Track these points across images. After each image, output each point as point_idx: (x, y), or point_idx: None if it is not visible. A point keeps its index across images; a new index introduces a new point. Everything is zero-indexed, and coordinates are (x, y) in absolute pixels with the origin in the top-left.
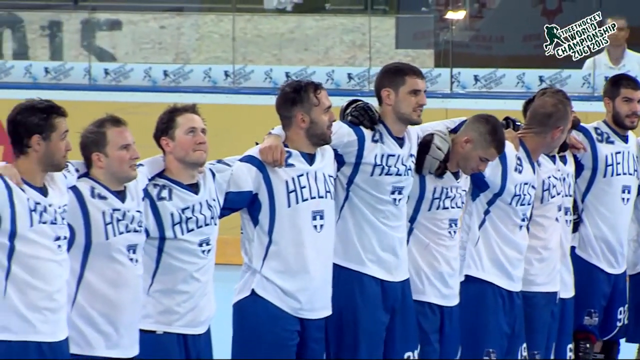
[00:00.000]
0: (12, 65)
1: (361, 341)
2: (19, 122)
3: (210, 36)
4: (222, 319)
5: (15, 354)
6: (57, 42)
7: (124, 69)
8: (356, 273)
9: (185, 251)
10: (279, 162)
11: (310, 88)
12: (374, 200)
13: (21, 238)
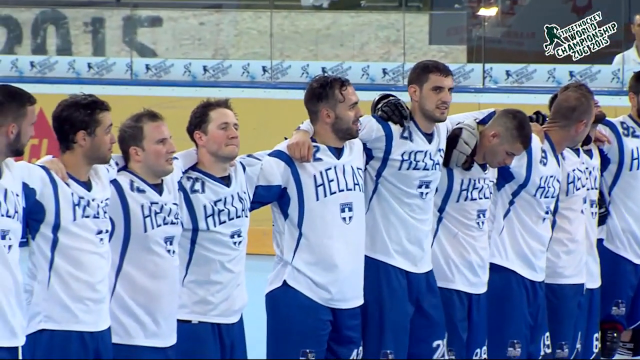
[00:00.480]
0: (56, 61)
1: (387, 331)
2: (64, 119)
3: (249, 32)
4: (260, 308)
5: (59, 343)
6: (99, 38)
7: (165, 65)
8: (383, 264)
9: (217, 242)
10: (306, 158)
11: (336, 84)
12: (401, 194)
13: (64, 231)
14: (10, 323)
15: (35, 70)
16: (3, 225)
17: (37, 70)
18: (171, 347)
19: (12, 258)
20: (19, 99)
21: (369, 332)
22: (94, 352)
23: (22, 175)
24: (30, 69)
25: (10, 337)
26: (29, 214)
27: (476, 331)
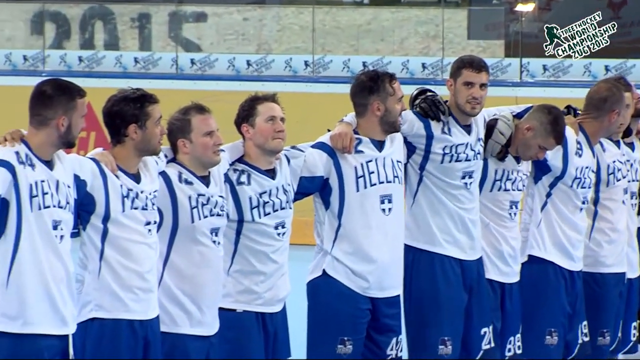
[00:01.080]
0: (104, 56)
1: (444, 319)
2: (115, 113)
3: (291, 27)
4: (302, 297)
5: (109, 331)
6: (146, 34)
7: (209, 59)
8: (437, 255)
9: (262, 233)
10: (347, 149)
11: (386, 78)
12: (446, 186)
13: (114, 222)
14: (61, 312)
15: (84, 65)
16: (55, 216)
17: (85, 64)
18: (214, 335)
19: (64, 248)
20: (69, 92)
21: (427, 321)
22: (143, 340)
23: (74, 167)
24: (79, 64)
25: (61, 326)
26: (79, 205)
27: (509, 320)
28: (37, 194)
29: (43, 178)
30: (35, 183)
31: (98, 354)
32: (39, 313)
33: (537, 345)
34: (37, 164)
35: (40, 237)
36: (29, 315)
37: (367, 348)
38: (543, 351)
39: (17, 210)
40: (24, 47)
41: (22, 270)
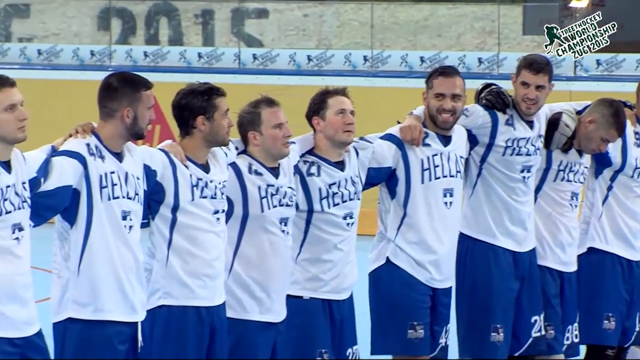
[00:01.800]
0: (168, 51)
1: (495, 307)
2: (183, 106)
3: (350, 23)
4: (360, 285)
5: (176, 317)
6: (209, 29)
7: (271, 54)
8: (490, 245)
9: (331, 224)
10: (416, 142)
11: (434, 74)
12: (505, 178)
13: (183, 211)
14: (130, 299)
15: (149, 60)
16: (124, 207)
17: (150, 59)
18: (282, 322)
19: (133, 238)
20: (133, 84)
21: (479, 309)
22: (210, 326)
23: (144, 157)
24: (144, 59)
25: (130, 313)
26: (149, 195)
27: (568, 309)
28: (107, 184)
29: (113, 169)
30: (105, 174)
31: (166, 341)
32: (109, 300)
33: (594, 329)
34: (107, 156)
35: (110, 227)
36: (100, 302)
37: None
38: (600, 335)
39: (87, 200)
40: (91, 43)
41: (92, 259)
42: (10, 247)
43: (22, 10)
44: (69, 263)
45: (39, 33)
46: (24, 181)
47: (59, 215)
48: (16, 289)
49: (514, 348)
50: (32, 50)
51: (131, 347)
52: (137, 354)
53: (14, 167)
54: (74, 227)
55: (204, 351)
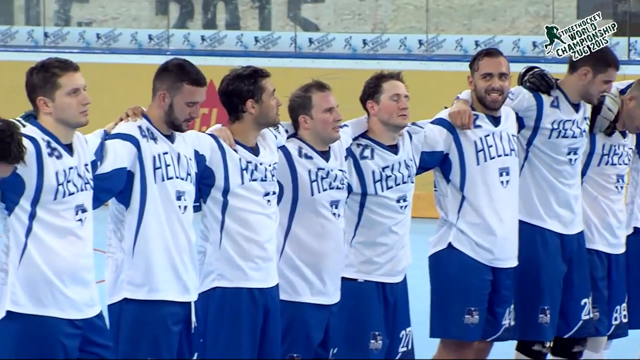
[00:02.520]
0: (225, 35)
1: (544, 289)
2: (231, 92)
3: (406, 7)
4: (418, 267)
5: (230, 299)
6: (265, 14)
7: (327, 38)
8: (538, 228)
9: (384, 206)
10: (466, 125)
11: (479, 55)
12: (551, 161)
13: (233, 194)
14: (183, 279)
15: (206, 44)
16: (178, 187)
17: (208, 44)
18: (335, 304)
19: (187, 219)
20: (181, 73)
21: (527, 291)
22: (263, 308)
23: (193, 142)
24: (201, 43)
25: (183, 293)
26: (200, 179)
27: (616, 290)
28: (160, 165)
29: (165, 150)
30: (158, 155)
31: (220, 322)
32: (162, 280)
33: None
34: (158, 137)
35: (164, 208)
36: (154, 282)
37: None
38: None
39: (141, 182)
40: (149, 27)
41: (147, 240)
42: (73, 229)
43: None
44: (123, 244)
45: (97, 17)
46: (86, 163)
47: (114, 197)
48: (78, 270)
49: (563, 330)
50: (91, 34)
51: (185, 328)
52: (191, 335)
53: (76, 149)
54: (129, 208)
55: (258, 332)
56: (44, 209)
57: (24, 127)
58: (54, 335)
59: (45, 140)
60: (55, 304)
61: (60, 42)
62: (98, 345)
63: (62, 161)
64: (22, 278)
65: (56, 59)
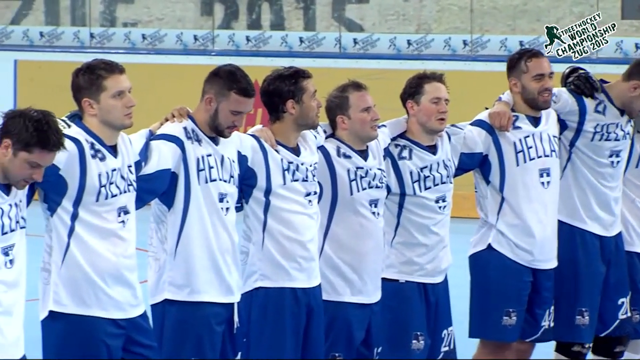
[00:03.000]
0: (270, 36)
1: (582, 291)
2: (272, 92)
3: (450, 8)
4: (460, 267)
5: (273, 299)
6: (310, 14)
7: (371, 39)
8: (578, 229)
9: (423, 207)
10: (505, 128)
11: (524, 55)
12: (593, 163)
13: (275, 194)
14: (226, 280)
15: (251, 45)
16: (221, 189)
17: (252, 44)
18: (376, 303)
19: (229, 220)
20: (229, 80)
21: (565, 292)
22: (307, 307)
23: (236, 143)
24: (246, 43)
25: (226, 294)
26: (242, 179)
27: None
28: (204, 167)
29: (209, 153)
30: (202, 157)
31: (263, 322)
32: (205, 282)
33: None
34: (203, 139)
35: (207, 209)
36: (196, 283)
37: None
38: None
39: (185, 183)
40: (194, 28)
41: (189, 241)
42: (115, 230)
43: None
44: (165, 245)
45: (143, 18)
46: (129, 165)
47: (157, 198)
48: (121, 270)
49: (600, 329)
50: (136, 35)
51: (227, 328)
52: (234, 335)
53: (120, 151)
54: (172, 209)
55: (302, 332)
56: (86, 210)
57: (69, 127)
58: (97, 335)
59: (89, 141)
60: (98, 304)
61: (105, 43)
62: (142, 346)
63: (106, 163)
64: (65, 278)
65: (102, 61)
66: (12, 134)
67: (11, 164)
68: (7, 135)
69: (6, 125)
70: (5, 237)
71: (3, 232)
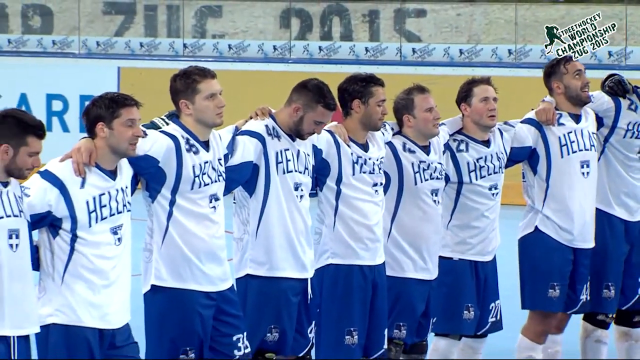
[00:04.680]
0: (340, 46)
1: (609, 268)
2: (344, 89)
3: (497, 21)
4: (504, 249)
5: (343, 274)
6: (375, 27)
7: (428, 49)
8: (606, 214)
9: (478, 194)
10: (550, 122)
11: (562, 60)
12: (624, 158)
13: (345, 183)
14: (301, 259)
15: (323, 54)
16: (296, 179)
17: (324, 53)
18: (434, 279)
19: (303, 206)
20: (316, 94)
21: (595, 269)
22: (372, 283)
23: (312, 138)
24: (319, 52)
25: (301, 270)
26: (317, 170)
27: None
28: (282, 160)
29: (287, 147)
30: (280, 151)
31: (333, 295)
32: (282, 260)
33: None
34: (282, 136)
35: (284, 196)
36: (274, 261)
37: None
38: None
39: (265, 173)
40: (273, 39)
41: (269, 223)
42: (207, 214)
43: (215, 11)
44: (247, 227)
45: (229, 30)
46: (220, 158)
47: (240, 186)
48: (213, 249)
49: (622, 303)
50: (223, 45)
51: (302, 300)
52: (308, 306)
53: (211, 146)
54: (253, 196)
55: (368, 304)
56: (182, 197)
57: (167, 125)
58: (192, 306)
59: (184, 137)
60: (194, 279)
61: (197, 52)
62: (230, 315)
63: (199, 156)
64: (165, 256)
65: (196, 67)
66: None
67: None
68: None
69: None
70: (114, 219)
71: (111, 213)
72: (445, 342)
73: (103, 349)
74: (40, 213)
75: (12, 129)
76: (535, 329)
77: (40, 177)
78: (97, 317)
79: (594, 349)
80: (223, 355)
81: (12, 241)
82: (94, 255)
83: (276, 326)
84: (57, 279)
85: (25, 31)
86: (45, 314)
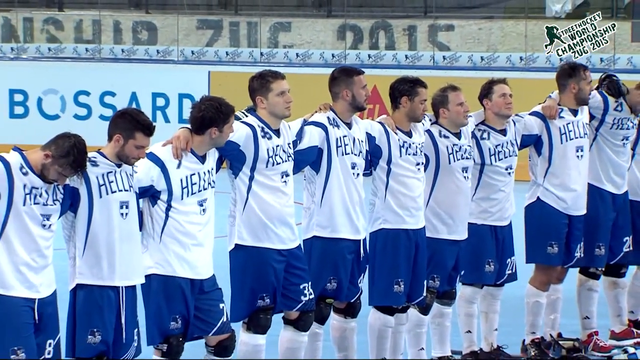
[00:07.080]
0: (385, 54)
1: (599, 231)
2: (394, 87)
3: (510, 34)
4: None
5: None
6: (413, 39)
7: (455, 56)
8: (598, 188)
9: (497, 173)
10: (553, 116)
11: (581, 67)
12: (611, 145)
13: (394, 164)
14: (355, 224)
15: (371, 60)
16: (353, 160)
17: (372, 60)
18: (463, 240)
19: (358, 182)
20: (347, 72)
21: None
22: (415, 243)
23: (366, 127)
24: (368, 59)
25: (355, 233)
26: (371, 153)
27: None
28: (341, 145)
29: (345, 134)
30: (339, 138)
31: (384, 253)
32: (341, 224)
33: None
34: (340, 125)
35: (343, 174)
36: (335, 225)
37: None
38: None
39: (327, 155)
40: (331, 48)
41: (331, 195)
42: (280, 187)
43: (286, 26)
44: (314, 198)
45: (296, 41)
46: (289, 142)
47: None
48: (284, 215)
49: (610, 258)
50: (292, 53)
51: (356, 257)
52: (361, 262)
53: (282, 133)
54: (319, 173)
55: (412, 260)
56: (259, 173)
57: (246, 117)
58: (267, 261)
59: (260, 126)
60: (268, 239)
61: (271, 59)
62: (298, 268)
63: (272, 141)
64: (245, 221)
65: (270, 70)
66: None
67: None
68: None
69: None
70: (201, 194)
71: (199, 190)
72: (470, 289)
73: (194, 294)
74: (144, 186)
75: (127, 123)
76: (540, 279)
77: (146, 157)
78: (188, 269)
79: (587, 295)
80: (292, 301)
81: (122, 210)
82: (185, 221)
83: (334, 277)
84: (156, 239)
85: (135, 43)
86: (147, 266)
